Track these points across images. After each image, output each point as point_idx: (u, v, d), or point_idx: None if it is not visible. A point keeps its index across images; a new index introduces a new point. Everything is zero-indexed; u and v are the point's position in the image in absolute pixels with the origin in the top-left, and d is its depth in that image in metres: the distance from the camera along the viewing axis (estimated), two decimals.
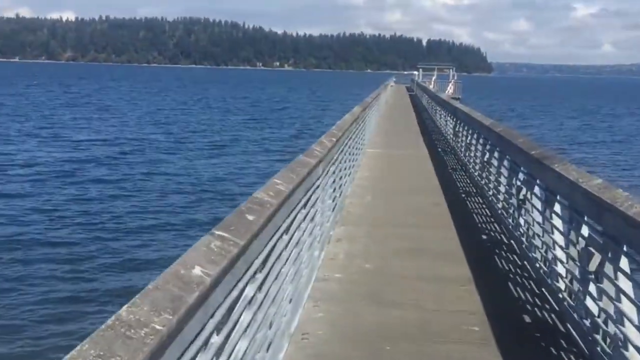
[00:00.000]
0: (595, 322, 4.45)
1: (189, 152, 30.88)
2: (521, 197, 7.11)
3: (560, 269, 5.45)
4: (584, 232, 4.81)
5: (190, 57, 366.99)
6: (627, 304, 3.94)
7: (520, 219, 7.19)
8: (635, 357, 3.78)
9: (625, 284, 4.02)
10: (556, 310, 5.38)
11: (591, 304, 4.56)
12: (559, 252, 5.49)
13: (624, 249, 4.01)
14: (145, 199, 19.92)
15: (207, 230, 2.70)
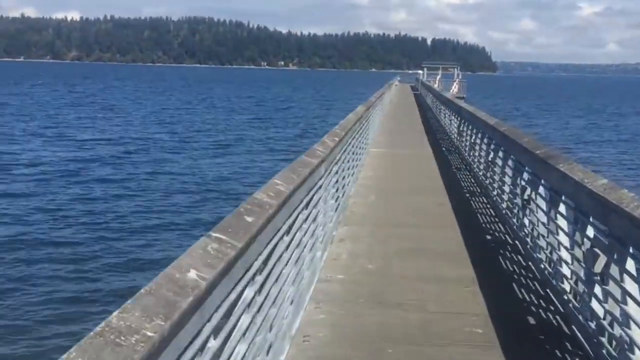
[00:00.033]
0: (600, 325, 4.39)
1: (194, 152, 30.88)
2: (526, 197, 7.05)
3: (565, 270, 5.38)
4: (589, 233, 4.76)
5: (195, 57, 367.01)
6: (633, 306, 3.89)
7: (525, 219, 7.12)
8: None
9: (631, 285, 3.96)
10: (561, 312, 5.32)
11: (597, 306, 4.50)
12: (564, 253, 5.43)
13: (630, 250, 3.95)
14: (150, 198, 19.91)
15: (211, 229, 2.65)
